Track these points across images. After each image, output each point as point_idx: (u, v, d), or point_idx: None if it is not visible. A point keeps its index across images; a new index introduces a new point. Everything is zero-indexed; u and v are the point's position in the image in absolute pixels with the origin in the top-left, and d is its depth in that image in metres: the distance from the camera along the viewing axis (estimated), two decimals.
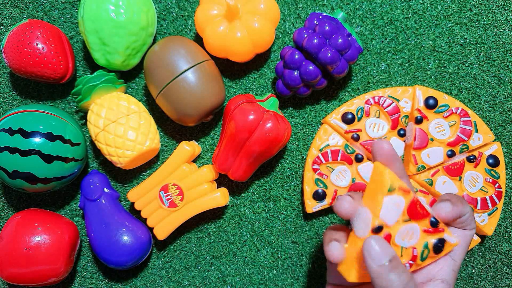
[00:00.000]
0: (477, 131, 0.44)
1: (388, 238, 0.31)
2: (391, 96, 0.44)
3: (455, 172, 0.44)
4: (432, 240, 0.32)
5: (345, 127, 0.44)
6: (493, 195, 0.44)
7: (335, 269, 0.33)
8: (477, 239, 0.45)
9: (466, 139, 0.43)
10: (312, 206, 0.44)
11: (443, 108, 0.44)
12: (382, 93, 0.44)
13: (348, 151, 0.44)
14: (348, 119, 0.44)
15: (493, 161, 0.44)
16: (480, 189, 0.44)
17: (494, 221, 0.44)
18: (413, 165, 0.44)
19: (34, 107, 0.42)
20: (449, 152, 0.43)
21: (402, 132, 0.44)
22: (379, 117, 0.44)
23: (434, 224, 0.32)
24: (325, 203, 0.44)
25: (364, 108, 0.44)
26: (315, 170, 0.44)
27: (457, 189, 0.44)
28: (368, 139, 0.44)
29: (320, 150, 0.44)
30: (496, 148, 0.44)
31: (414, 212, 0.31)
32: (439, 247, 0.32)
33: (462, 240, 0.32)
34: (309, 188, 0.44)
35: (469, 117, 0.44)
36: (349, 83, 0.47)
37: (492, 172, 0.44)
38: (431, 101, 0.43)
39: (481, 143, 0.44)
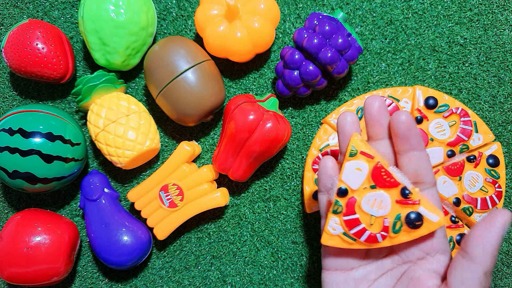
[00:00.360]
0: (477, 131, 0.44)
1: (353, 202, 0.31)
2: (391, 96, 0.44)
3: (455, 172, 0.44)
4: (406, 213, 0.31)
5: None
6: (493, 195, 0.44)
7: (330, 254, 0.33)
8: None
9: (466, 139, 0.43)
10: (312, 206, 0.44)
11: (443, 108, 0.44)
12: (382, 93, 0.44)
13: None
14: None
15: (493, 161, 0.44)
16: (480, 189, 0.44)
17: None
18: None
19: (34, 107, 0.42)
20: (449, 152, 0.43)
21: None
22: None
23: (405, 194, 0.31)
24: None
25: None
26: (315, 170, 0.44)
27: (457, 189, 0.44)
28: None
29: (320, 150, 0.44)
30: (496, 148, 0.44)
31: (380, 179, 0.31)
32: (413, 221, 0.30)
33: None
34: (309, 188, 0.44)
35: (469, 117, 0.44)
36: (349, 83, 0.47)
37: (492, 172, 0.44)
38: (431, 101, 0.43)
39: (481, 143, 0.44)
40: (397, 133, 0.30)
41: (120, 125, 0.42)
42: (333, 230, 0.32)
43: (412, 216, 0.30)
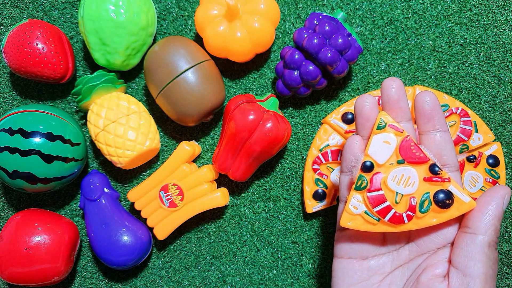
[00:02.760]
0: (477, 131, 0.44)
1: (378, 178, 0.29)
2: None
3: None
4: (435, 191, 0.29)
5: (345, 127, 0.44)
6: None
7: (346, 239, 0.32)
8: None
9: (466, 139, 0.43)
10: (312, 206, 0.44)
11: (443, 108, 0.44)
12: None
13: None
14: (348, 119, 0.44)
15: (493, 161, 0.44)
16: (480, 189, 0.44)
17: None
18: None
19: (34, 107, 0.42)
20: None
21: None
22: None
23: (435, 171, 0.28)
24: (325, 203, 0.44)
25: None
26: (315, 170, 0.44)
27: None
28: None
29: (320, 150, 0.44)
30: (496, 148, 0.44)
31: (408, 153, 0.29)
32: (443, 199, 0.28)
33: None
34: (309, 188, 0.44)
35: (469, 117, 0.44)
36: (349, 83, 0.47)
37: (492, 172, 0.44)
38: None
39: (481, 143, 0.44)
40: (421, 112, 0.30)
41: (120, 125, 0.42)
42: (354, 208, 0.30)
43: (442, 194, 0.28)
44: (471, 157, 0.44)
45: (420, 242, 0.30)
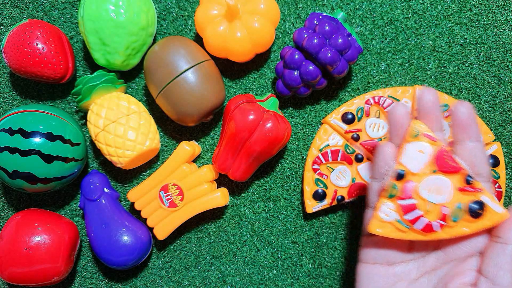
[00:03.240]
0: None
1: (410, 186, 0.30)
2: (391, 96, 0.44)
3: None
4: (468, 201, 0.29)
5: (345, 127, 0.44)
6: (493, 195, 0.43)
7: (372, 245, 0.32)
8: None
9: None
10: (312, 206, 0.44)
11: (443, 108, 0.44)
12: (383, 93, 0.44)
13: (348, 151, 0.44)
14: (348, 119, 0.44)
15: (493, 161, 0.44)
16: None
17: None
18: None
19: (34, 107, 0.42)
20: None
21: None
22: (379, 117, 0.44)
23: (468, 181, 0.29)
24: (325, 203, 0.44)
25: (364, 108, 0.44)
26: (315, 170, 0.44)
27: None
28: (368, 139, 0.44)
29: (320, 150, 0.44)
30: (496, 148, 0.44)
31: (443, 163, 0.29)
32: (475, 209, 0.28)
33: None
34: (309, 188, 0.44)
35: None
36: (349, 83, 0.47)
37: (492, 172, 0.44)
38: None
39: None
40: (458, 121, 0.30)
41: (120, 125, 0.42)
42: (386, 216, 0.30)
43: (475, 205, 0.29)
44: None
45: (449, 250, 0.30)
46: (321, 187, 0.44)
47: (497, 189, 0.44)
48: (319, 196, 0.44)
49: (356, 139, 0.44)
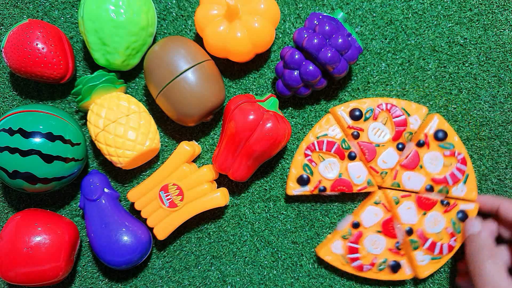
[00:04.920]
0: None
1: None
2: (404, 109, 0.44)
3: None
4: (391, 259, 0.44)
5: (350, 122, 0.44)
6: (444, 245, 0.44)
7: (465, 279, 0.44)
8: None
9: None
10: (293, 189, 0.45)
11: (448, 147, 0.44)
12: (397, 103, 0.44)
13: (344, 146, 0.44)
14: (355, 115, 0.44)
15: (441, 134, 0.43)
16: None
17: (438, 265, 0.44)
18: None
19: (34, 107, 0.42)
20: (428, 187, 0.44)
21: (400, 146, 0.44)
22: (385, 124, 0.44)
23: (397, 247, 0.44)
24: (306, 189, 0.44)
25: (375, 110, 0.44)
26: (306, 155, 0.44)
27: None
28: (366, 141, 0.44)
29: (317, 138, 0.44)
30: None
31: (387, 228, 0.44)
32: (394, 266, 0.44)
33: None
34: (295, 171, 0.44)
35: (466, 166, 0.44)
36: (349, 83, 0.47)
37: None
38: (440, 134, 0.43)
39: (462, 195, 0.44)
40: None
41: (120, 125, 0.42)
42: (335, 248, 0.45)
43: (393, 263, 0.44)
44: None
45: None
46: (307, 173, 0.44)
47: (451, 242, 0.44)
48: (302, 181, 0.44)
49: (356, 137, 0.44)
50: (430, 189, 0.44)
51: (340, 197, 0.47)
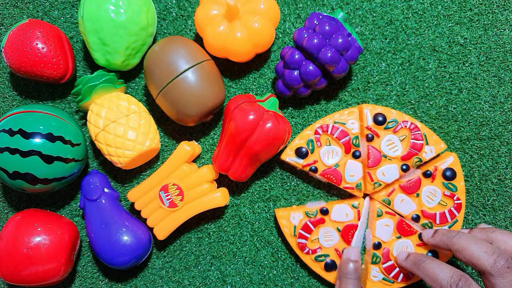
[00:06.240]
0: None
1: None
2: (336, 122, 0.44)
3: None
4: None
5: (371, 123, 0.44)
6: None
7: None
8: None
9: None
10: (288, 156, 0.45)
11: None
12: (421, 127, 0.44)
13: (354, 143, 0.44)
14: (378, 120, 0.44)
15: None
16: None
17: None
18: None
19: (34, 107, 0.42)
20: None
21: (404, 167, 0.44)
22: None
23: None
24: (299, 162, 0.45)
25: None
26: (316, 133, 0.44)
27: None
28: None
29: (335, 123, 0.44)
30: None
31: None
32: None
33: None
34: (298, 141, 0.45)
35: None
36: (349, 83, 0.47)
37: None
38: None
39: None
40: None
41: (120, 125, 0.42)
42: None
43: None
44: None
45: None
46: (308, 148, 0.44)
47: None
48: (300, 153, 0.44)
49: (370, 139, 0.44)
50: (416, 219, 0.44)
51: (326, 185, 0.47)
